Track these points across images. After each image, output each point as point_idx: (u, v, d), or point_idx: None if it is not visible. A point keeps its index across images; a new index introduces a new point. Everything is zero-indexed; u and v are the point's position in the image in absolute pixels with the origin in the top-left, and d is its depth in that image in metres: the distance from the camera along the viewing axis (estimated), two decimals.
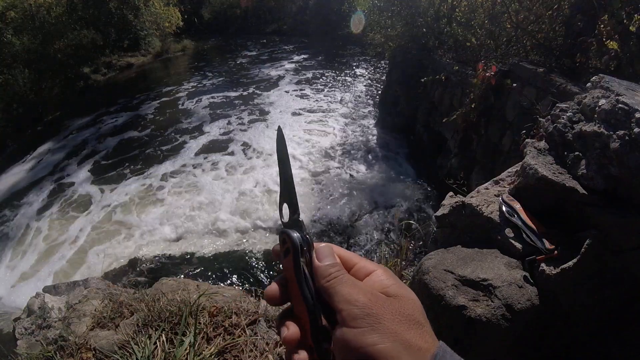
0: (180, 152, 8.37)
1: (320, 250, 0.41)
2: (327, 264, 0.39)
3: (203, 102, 11.33)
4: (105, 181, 7.41)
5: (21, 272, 5.28)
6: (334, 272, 0.38)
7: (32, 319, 2.22)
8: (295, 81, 12.97)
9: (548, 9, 4.47)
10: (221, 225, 5.82)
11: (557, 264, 1.33)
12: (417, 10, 7.25)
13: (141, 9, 16.02)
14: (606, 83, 1.43)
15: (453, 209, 1.73)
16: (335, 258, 0.41)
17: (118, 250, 5.44)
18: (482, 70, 4.61)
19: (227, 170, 7.50)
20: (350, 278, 0.38)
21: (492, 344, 1.31)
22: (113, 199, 6.75)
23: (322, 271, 0.39)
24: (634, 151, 1.23)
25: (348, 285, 0.37)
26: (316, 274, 0.39)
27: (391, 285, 0.38)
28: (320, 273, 0.39)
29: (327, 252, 0.41)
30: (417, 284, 1.48)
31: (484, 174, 4.61)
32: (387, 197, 6.44)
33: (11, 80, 10.46)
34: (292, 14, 22.62)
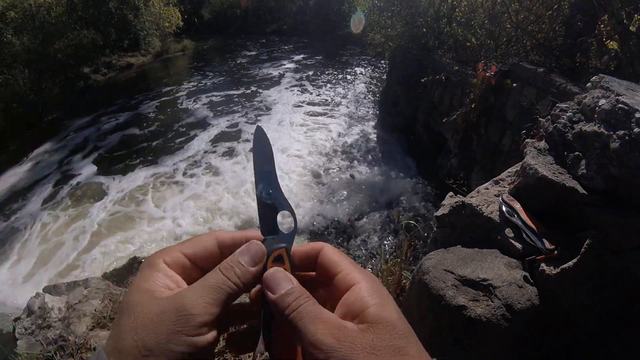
0: (177, 153, 8.37)
1: (269, 279, 0.34)
2: (282, 293, 0.33)
3: (203, 102, 11.34)
4: (107, 176, 7.41)
5: (25, 271, 5.28)
6: (292, 303, 0.32)
7: (32, 319, 2.22)
8: (295, 81, 12.97)
9: (548, 9, 4.47)
10: (221, 224, 5.82)
11: (557, 264, 1.33)
12: (417, 10, 7.25)
13: (141, 9, 16.02)
14: (606, 83, 1.43)
15: (453, 209, 1.73)
16: (291, 282, 0.34)
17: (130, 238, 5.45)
18: (482, 70, 4.61)
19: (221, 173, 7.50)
20: (312, 308, 0.32)
21: (492, 344, 1.31)
22: (115, 196, 6.75)
23: (278, 304, 0.32)
24: (634, 151, 1.23)
25: (309, 320, 0.30)
26: (272, 307, 0.33)
27: (372, 306, 0.32)
28: (276, 307, 0.32)
29: (278, 279, 0.34)
30: (417, 284, 1.48)
31: (484, 174, 4.61)
32: (387, 196, 6.44)
33: (11, 80, 10.46)
34: (292, 14, 22.61)
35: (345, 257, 0.37)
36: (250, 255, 0.35)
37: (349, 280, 0.34)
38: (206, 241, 0.37)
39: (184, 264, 0.35)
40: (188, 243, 0.37)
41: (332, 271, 0.36)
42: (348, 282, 0.34)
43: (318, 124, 9.48)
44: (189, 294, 0.31)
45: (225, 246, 0.37)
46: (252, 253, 0.35)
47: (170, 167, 7.77)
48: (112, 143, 9.10)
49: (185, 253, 0.36)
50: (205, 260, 0.36)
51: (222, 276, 0.33)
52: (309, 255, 0.38)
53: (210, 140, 8.85)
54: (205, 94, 12.13)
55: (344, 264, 0.36)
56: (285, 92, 11.94)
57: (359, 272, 0.35)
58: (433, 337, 1.41)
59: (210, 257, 0.36)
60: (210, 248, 0.37)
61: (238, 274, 0.33)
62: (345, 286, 0.34)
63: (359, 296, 0.33)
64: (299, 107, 10.63)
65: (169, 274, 0.34)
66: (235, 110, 10.65)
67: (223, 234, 0.38)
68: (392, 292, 2.19)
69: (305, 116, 10.01)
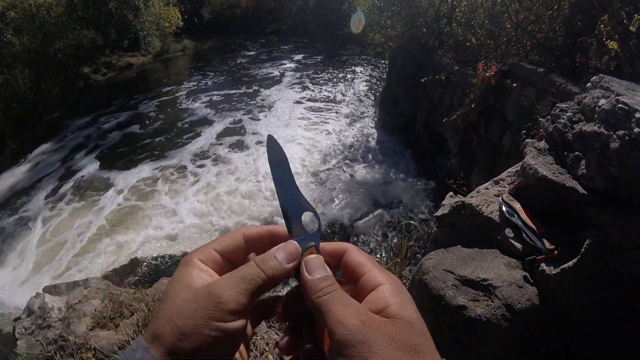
0: (179, 154, 8.37)
1: (310, 262, 0.37)
2: (318, 277, 0.36)
3: (203, 101, 11.34)
4: (110, 173, 7.41)
5: (25, 271, 5.28)
6: (325, 287, 0.35)
7: (32, 319, 2.22)
8: (295, 81, 12.97)
9: (548, 9, 4.47)
10: (221, 224, 5.82)
11: (557, 264, 1.33)
12: (417, 10, 7.26)
13: (141, 9, 16.03)
14: (606, 83, 1.43)
15: (453, 209, 1.73)
16: (327, 270, 0.37)
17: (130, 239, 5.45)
18: (482, 70, 4.61)
19: (222, 174, 7.50)
20: (342, 295, 0.35)
21: (492, 344, 1.31)
22: (116, 196, 6.75)
23: (311, 286, 0.35)
24: (634, 151, 1.23)
25: (340, 303, 0.34)
26: (305, 288, 0.36)
27: (393, 305, 0.34)
28: (309, 288, 0.35)
29: (317, 264, 0.37)
30: (417, 284, 1.48)
31: (484, 174, 4.61)
32: (387, 197, 6.44)
33: (11, 80, 10.46)
34: (292, 14, 22.62)
35: (369, 259, 0.39)
36: (287, 253, 0.37)
37: (373, 281, 0.37)
38: (234, 237, 0.40)
39: (216, 259, 0.38)
40: (218, 240, 0.40)
41: (357, 272, 0.38)
42: (373, 283, 0.37)
43: (318, 124, 9.49)
44: (221, 282, 0.34)
45: (252, 240, 0.40)
46: (290, 250, 0.37)
47: (177, 160, 7.79)
48: (112, 142, 9.10)
49: (216, 249, 0.39)
50: (234, 254, 0.39)
51: (256, 268, 0.35)
52: (333, 255, 0.41)
53: (214, 136, 8.86)
54: (206, 94, 12.14)
55: (369, 266, 0.38)
56: (286, 91, 11.94)
57: (383, 274, 0.37)
58: (433, 337, 1.41)
59: (239, 251, 0.40)
60: (238, 243, 0.40)
61: (272, 267, 0.36)
62: (370, 287, 0.37)
63: (382, 295, 0.35)
64: (299, 107, 10.63)
65: (204, 268, 0.37)
66: (236, 109, 10.65)
67: (250, 229, 0.41)
68: None
69: (305, 116, 10.01)
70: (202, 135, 9.09)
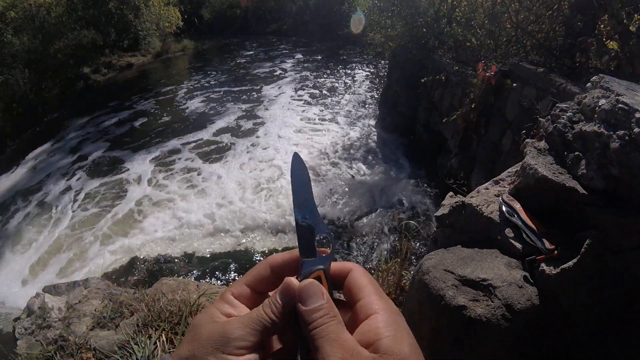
0: (178, 154, 8.37)
1: (304, 290, 0.37)
2: (311, 307, 0.35)
3: (203, 101, 11.34)
4: (109, 174, 7.41)
5: (25, 271, 5.29)
6: (318, 319, 0.35)
7: (32, 319, 2.22)
8: (295, 81, 12.97)
9: (548, 9, 4.47)
10: (221, 224, 5.82)
11: (557, 264, 1.33)
12: (417, 10, 7.25)
13: (141, 9, 16.02)
14: (606, 83, 1.43)
15: (453, 209, 1.73)
16: (322, 297, 0.36)
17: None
18: (482, 70, 4.61)
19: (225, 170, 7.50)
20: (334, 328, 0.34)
21: (492, 344, 1.31)
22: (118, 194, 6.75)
23: (304, 318, 0.35)
24: (634, 151, 1.23)
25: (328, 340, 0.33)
26: (300, 318, 0.36)
27: (385, 338, 0.33)
28: (302, 319, 0.35)
29: (311, 292, 0.36)
30: (417, 284, 1.48)
31: (484, 174, 4.61)
32: (387, 197, 6.44)
33: (11, 80, 10.46)
34: (292, 14, 22.61)
35: (370, 283, 0.39)
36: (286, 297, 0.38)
37: (369, 308, 0.36)
38: (261, 268, 0.42)
39: (246, 293, 0.41)
40: (249, 273, 0.42)
41: (355, 297, 0.38)
42: (368, 311, 0.36)
43: (318, 124, 9.49)
44: (234, 322, 0.37)
45: (278, 268, 0.42)
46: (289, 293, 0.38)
47: (176, 160, 7.79)
48: (112, 142, 9.10)
49: (247, 283, 0.41)
50: (262, 284, 0.42)
51: (261, 311, 0.37)
52: (337, 275, 0.41)
53: (214, 136, 8.87)
54: (206, 94, 12.14)
55: (368, 290, 0.38)
56: (285, 91, 11.94)
57: (380, 301, 0.37)
58: (433, 337, 1.41)
59: (266, 281, 0.42)
60: (265, 273, 0.42)
61: (273, 311, 0.37)
62: (364, 314, 0.36)
63: (374, 326, 0.35)
64: (299, 107, 10.63)
65: (234, 303, 0.40)
66: (236, 109, 10.65)
67: (275, 258, 0.43)
68: (392, 292, 2.19)
69: (305, 116, 10.01)
70: (202, 135, 9.09)
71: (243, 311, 0.39)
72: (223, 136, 9.03)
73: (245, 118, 10.05)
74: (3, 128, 9.50)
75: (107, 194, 6.96)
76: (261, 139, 8.77)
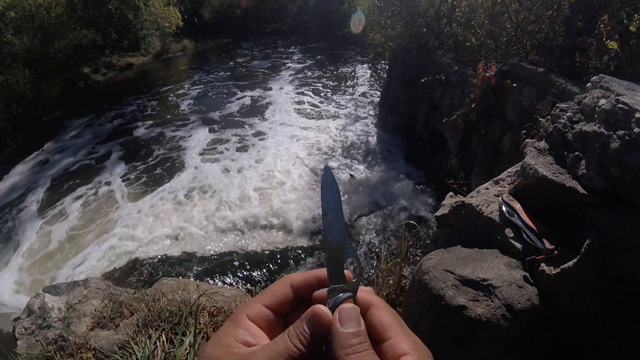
0: (179, 154, 8.37)
1: (344, 312, 0.35)
2: (350, 331, 0.33)
3: (203, 102, 11.34)
4: (108, 174, 7.41)
5: (25, 271, 5.29)
6: (356, 345, 0.33)
7: (32, 319, 2.22)
8: (295, 81, 12.97)
9: (548, 9, 4.47)
10: (221, 224, 5.82)
11: (557, 264, 1.33)
12: (417, 10, 7.25)
13: (141, 8, 16.01)
14: (606, 83, 1.43)
15: (453, 209, 1.73)
16: (361, 325, 0.35)
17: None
18: (482, 70, 4.61)
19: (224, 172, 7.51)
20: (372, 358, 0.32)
21: (492, 344, 1.31)
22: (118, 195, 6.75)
23: (341, 339, 0.33)
24: (634, 151, 1.23)
25: None
26: (334, 339, 0.34)
27: None
28: (338, 340, 0.33)
29: (352, 316, 0.35)
30: (417, 284, 1.48)
31: (484, 174, 4.61)
32: (387, 197, 6.44)
33: (11, 80, 10.45)
34: (292, 14, 22.61)
35: (396, 319, 0.37)
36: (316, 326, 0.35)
37: (397, 349, 0.34)
38: (280, 288, 0.39)
39: (264, 315, 0.38)
40: (266, 293, 0.39)
41: (382, 335, 0.36)
42: (396, 351, 0.34)
43: (318, 124, 9.48)
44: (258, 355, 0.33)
45: (298, 288, 0.39)
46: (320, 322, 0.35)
47: (176, 159, 7.79)
48: (112, 142, 9.10)
49: (264, 304, 0.38)
50: (282, 306, 0.39)
51: (289, 342, 0.34)
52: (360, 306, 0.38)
53: (214, 136, 8.87)
54: (206, 93, 12.15)
55: (396, 329, 0.36)
56: (285, 91, 11.94)
57: (409, 342, 0.35)
58: (433, 337, 1.41)
59: (286, 302, 0.39)
60: (285, 293, 0.39)
61: (302, 341, 0.34)
62: (393, 355, 0.34)
63: None
64: (299, 107, 10.63)
65: (250, 328, 0.37)
66: (235, 109, 10.65)
67: (295, 277, 0.40)
68: (392, 292, 2.19)
69: (305, 115, 10.02)
70: (202, 135, 9.09)
71: (261, 338, 0.36)
72: (223, 136, 9.03)
73: (245, 117, 10.05)
74: (3, 128, 9.50)
75: (107, 194, 6.96)
76: (261, 138, 8.77)
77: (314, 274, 0.40)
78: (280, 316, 0.39)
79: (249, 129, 9.35)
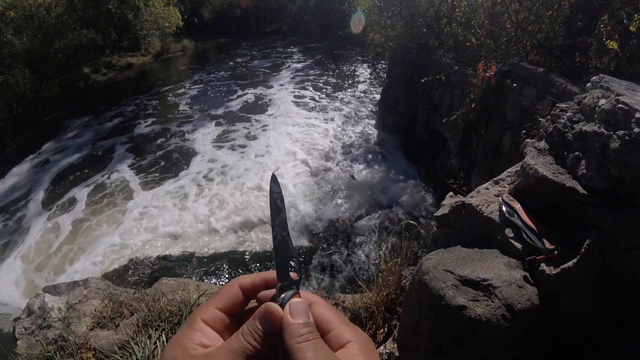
0: (178, 153, 8.37)
1: (294, 306, 0.38)
2: (300, 322, 0.36)
3: (203, 101, 11.35)
4: (106, 176, 7.41)
5: (25, 271, 5.29)
6: (306, 334, 0.35)
7: (32, 319, 2.22)
8: (295, 81, 12.97)
9: (548, 9, 4.47)
10: (221, 224, 5.82)
11: (557, 264, 1.33)
12: (417, 10, 7.26)
13: (141, 9, 16.01)
14: (606, 83, 1.43)
15: (453, 209, 1.73)
16: (309, 317, 0.37)
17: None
18: (482, 70, 4.61)
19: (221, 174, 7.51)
20: (321, 345, 0.35)
21: (492, 344, 1.31)
22: (120, 193, 6.75)
23: (292, 330, 0.35)
24: (634, 151, 1.23)
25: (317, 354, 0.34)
26: (286, 330, 0.36)
27: None
28: (289, 331, 0.36)
29: (301, 309, 0.38)
30: (417, 284, 1.48)
31: (484, 174, 4.61)
32: (387, 197, 6.44)
33: (11, 80, 10.45)
34: (292, 14, 22.62)
35: (336, 314, 0.40)
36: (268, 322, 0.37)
37: (341, 338, 0.37)
38: (231, 290, 0.42)
39: (219, 317, 0.40)
40: (218, 296, 0.42)
41: (325, 328, 0.39)
42: (341, 340, 0.37)
43: (318, 124, 9.49)
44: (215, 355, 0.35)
45: (248, 290, 0.42)
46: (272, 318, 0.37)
47: (177, 159, 7.79)
48: (112, 142, 9.10)
49: (217, 307, 0.40)
50: (234, 308, 0.41)
51: (243, 341, 0.36)
52: None
53: (214, 137, 8.87)
54: (206, 93, 12.17)
55: (337, 321, 0.39)
56: (285, 91, 11.94)
57: (351, 331, 0.38)
58: (433, 337, 1.41)
59: (238, 303, 0.41)
60: (236, 295, 0.41)
61: (255, 339, 0.36)
62: (337, 344, 0.37)
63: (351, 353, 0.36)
64: (298, 107, 10.63)
65: (205, 331, 0.38)
66: (235, 109, 10.65)
67: (244, 279, 0.43)
68: (392, 292, 2.19)
69: (305, 115, 10.01)
70: (202, 135, 9.10)
71: (216, 339, 0.38)
72: (223, 135, 9.03)
73: (245, 117, 10.05)
74: (3, 128, 9.49)
75: (107, 194, 6.96)
76: (261, 138, 8.77)
77: (261, 275, 0.43)
78: (233, 317, 0.41)
79: (249, 129, 9.35)
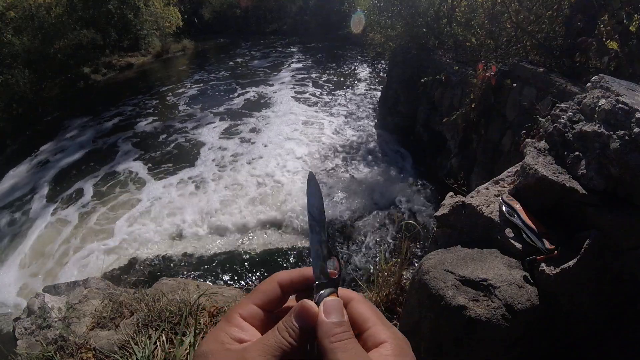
0: (179, 153, 8.37)
1: (329, 304, 0.38)
2: (334, 321, 0.36)
3: (203, 101, 11.34)
4: (106, 176, 7.41)
5: (25, 270, 5.29)
6: (339, 334, 0.35)
7: (32, 319, 2.22)
8: (295, 81, 12.97)
9: (548, 9, 4.47)
10: (221, 224, 5.82)
11: (557, 264, 1.33)
12: (417, 10, 7.25)
13: (141, 8, 16.01)
14: (606, 83, 1.43)
15: (453, 209, 1.73)
16: (344, 315, 0.37)
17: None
18: (482, 70, 4.61)
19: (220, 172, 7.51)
20: (355, 345, 0.35)
21: (492, 344, 1.31)
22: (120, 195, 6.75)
23: (325, 329, 0.35)
24: (634, 151, 1.23)
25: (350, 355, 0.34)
26: (320, 328, 0.36)
27: None
28: (323, 330, 0.35)
29: (336, 308, 0.37)
30: (417, 284, 1.48)
31: (484, 174, 4.61)
32: (387, 197, 6.44)
33: (11, 80, 10.45)
34: (292, 14, 22.62)
35: (374, 312, 0.40)
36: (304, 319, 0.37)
37: (377, 338, 0.37)
38: (269, 287, 0.42)
39: (256, 314, 0.40)
40: (256, 292, 0.42)
41: (362, 326, 0.38)
42: (376, 340, 0.37)
43: (318, 124, 9.48)
44: (251, 350, 0.35)
45: (286, 287, 0.42)
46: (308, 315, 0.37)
47: (177, 159, 7.79)
48: (112, 142, 9.10)
49: (255, 303, 0.41)
50: (271, 304, 0.41)
51: (279, 337, 0.36)
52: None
53: (214, 137, 8.87)
54: (206, 93, 12.17)
55: (374, 320, 0.38)
56: (285, 91, 11.94)
57: (387, 331, 0.37)
58: (433, 337, 1.41)
59: (276, 300, 0.41)
60: (273, 292, 0.41)
61: (291, 335, 0.36)
62: (372, 343, 0.37)
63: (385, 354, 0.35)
64: (298, 107, 10.63)
65: (243, 326, 0.39)
66: (235, 109, 10.65)
67: (283, 276, 0.43)
68: (392, 292, 2.19)
69: (305, 115, 10.01)
70: (202, 135, 9.09)
71: (253, 334, 0.39)
72: (222, 135, 9.03)
73: (245, 117, 10.05)
74: (3, 128, 9.49)
75: (106, 194, 6.96)
76: (260, 138, 8.77)
77: (299, 272, 0.42)
78: (271, 313, 0.41)
79: (249, 128, 9.34)
